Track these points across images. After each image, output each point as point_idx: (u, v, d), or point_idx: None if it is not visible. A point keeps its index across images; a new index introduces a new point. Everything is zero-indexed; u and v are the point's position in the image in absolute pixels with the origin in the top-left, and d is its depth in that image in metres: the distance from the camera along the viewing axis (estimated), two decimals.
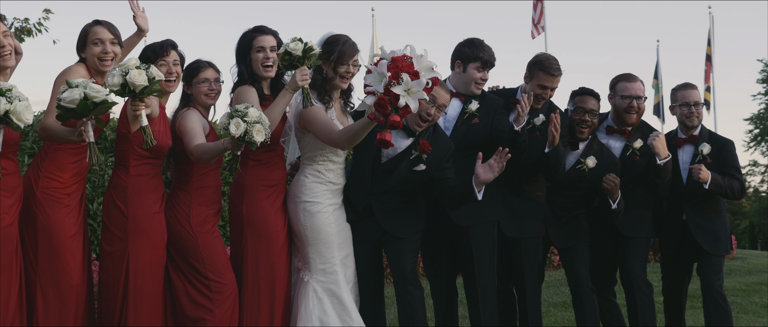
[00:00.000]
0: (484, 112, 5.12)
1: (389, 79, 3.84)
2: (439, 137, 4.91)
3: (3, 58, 4.11)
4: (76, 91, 3.74)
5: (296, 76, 4.28)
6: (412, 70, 3.87)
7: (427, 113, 4.69)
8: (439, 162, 4.84)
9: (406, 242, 4.89)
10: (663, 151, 5.20)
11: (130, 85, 3.86)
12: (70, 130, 3.97)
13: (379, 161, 4.83)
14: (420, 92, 3.90)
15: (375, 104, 3.89)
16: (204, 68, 4.56)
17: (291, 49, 4.23)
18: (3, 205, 4.06)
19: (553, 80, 5.16)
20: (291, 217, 4.64)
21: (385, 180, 4.81)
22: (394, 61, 3.89)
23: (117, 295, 4.32)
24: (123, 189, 4.32)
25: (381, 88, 3.87)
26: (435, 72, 3.98)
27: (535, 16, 18.75)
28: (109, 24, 4.39)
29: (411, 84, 3.87)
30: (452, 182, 4.83)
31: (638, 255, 5.41)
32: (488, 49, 5.11)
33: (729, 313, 5.34)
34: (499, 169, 4.61)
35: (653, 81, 21.35)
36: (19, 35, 10.65)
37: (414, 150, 4.79)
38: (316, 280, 4.59)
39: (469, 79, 5.10)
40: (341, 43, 4.56)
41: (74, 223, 4.28)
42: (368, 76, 3.97)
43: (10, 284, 4.08)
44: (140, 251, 4.31)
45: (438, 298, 5.45)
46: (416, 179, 4.84)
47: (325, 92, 4.60)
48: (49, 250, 4.20)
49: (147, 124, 4.06)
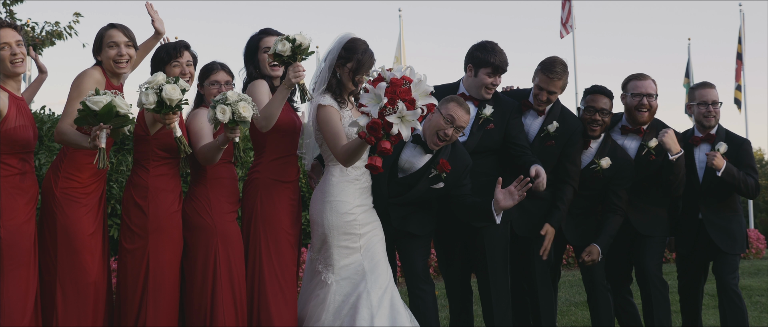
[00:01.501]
0: (499, 116, 5.14)
1: (386, 104, 3.85)
2: (458, 154, 4.90)
3: (15, 65, 4.25)
4: (105, 97, 3.89)
5: (289, 74, 4.29)
6: (409, 97, 3.85)
7: (444, 133, 4.71)
8: (458, 179, 4.87)
9: (418, 240, 4.94)
10: (674, 146, 5.19)
11: (167, 101, 3.99)
12: (84, 136, 4.10)
13: (396, 175, 4.85)
14: (414, 121, 3.90)
15: (368, 126, 3.90)
16: (216, 70, 4.67)
17: (279, 50, 4.25)
18: (18, 204, 4.19)
19: (549, 82, 5.17)
20: (316, 217, 4.60)
21: (403, 194, 4.85)
22: (392, 84, 3.88)
23: (136, 292, 4.42)
24: (143, 188, 4.43)
25: (375, 112, 3.87)
26: (432, 98, 3.99)
27: (563, 16, 18.65)
28: (124, 27, 4.50)
29: (406, 112, 3.87)
30: (469, 199, 4.86)
31: (654, 254, 5.40)
32: (500, 53, 5.10)
33: (744, 311, 5.32)
34: (520, 197, 4.62)
35: (684, 80, 21.13)
36: (50, 38, 10.83)
37: (433, 169, 4.82)
38: (337, 282, 4.56)
39: (480, 84, 5.12)
40: (361, 51, 4.50)
41: (93, 222, 4.40)
42: (365, 95, 3.97)
43: (28, 280, 4.21)
44: (160, 249, 4.42)
45: (453, 297, 5.49)
46: (433, 194, 4.89)
47: (339, 94, 4.56)
48: (68, 249, 4.31)
49: (181, 134, 4.19)
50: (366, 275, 4.56)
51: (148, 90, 4.00)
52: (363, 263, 4.58)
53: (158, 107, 4.01)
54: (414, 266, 4.92)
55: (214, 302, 4.45)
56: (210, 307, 4.46)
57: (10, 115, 4.18)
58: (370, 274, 4.57)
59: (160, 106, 4.02)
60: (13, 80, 4.30)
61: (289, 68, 4.29)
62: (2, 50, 4.21)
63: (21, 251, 4.18)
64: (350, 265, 4.58)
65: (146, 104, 4.00)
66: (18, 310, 4.15)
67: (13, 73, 4.27)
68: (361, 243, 4.60)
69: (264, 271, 4.56)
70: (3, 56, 4.21)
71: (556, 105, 5.31)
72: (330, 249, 4.56)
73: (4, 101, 4.17)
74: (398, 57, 18.28)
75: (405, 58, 18.22)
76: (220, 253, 4.46)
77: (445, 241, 5.33)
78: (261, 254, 4.57)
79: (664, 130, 5.27)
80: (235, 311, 4.49)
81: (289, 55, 4.26)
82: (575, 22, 18.49)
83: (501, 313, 5.15)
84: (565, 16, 18.52)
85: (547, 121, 5.26)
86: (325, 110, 4.44)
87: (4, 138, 4.14)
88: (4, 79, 4.27)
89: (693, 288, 5.68)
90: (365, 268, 4.58)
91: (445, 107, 4.75)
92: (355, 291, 4.52)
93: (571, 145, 5.24)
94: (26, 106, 4.40)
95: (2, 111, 4.15)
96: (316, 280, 4.64)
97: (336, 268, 4.56)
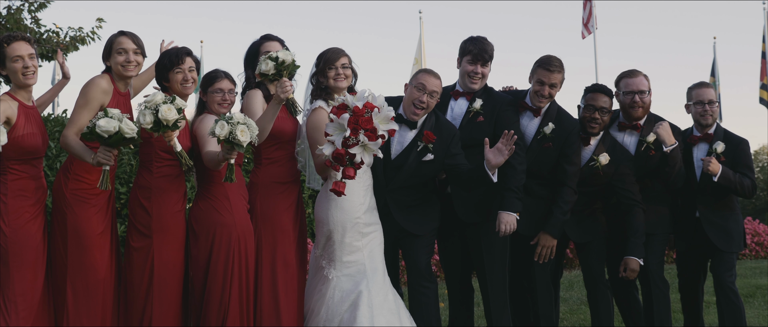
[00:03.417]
0: (489, 109, 5.21)
1: (349, 134, 4.18)
2: (442, 124, 5.06)
3: (27, 77, 4.49)
4: (112, 122, 4.13)
5: (277, 90, 4.50)
6: (370, 127, 4.19)
7: (419, 101, 4.91)
8: (446, 148, 4.98)
9: (421, 239, 5.03)
10: (669, 138, 5.25)
11: (163, 122, 4.17)
12: (89, 151, 4.35)
13: (390, 159, 4.99)
14: (375, 149, 4.27)
15: (333, 156, 4.25)
16: (220, 79, 4.78)
17: (263, 70, 4.50)
18: (24, 205, 4.42)
19: (549, 76, 5.21)
20: (321, 216, 4.79)
21: (397, 175, 4.98)
22: (355, 113, 4.21)
23: (141, 289, 4.59)
24: (147, 189, 4.60)
25: (340, 142, 4.21)
26: (393, 124, 4.33)
27: (584, 16, 18.60)
28: (133, 35, 4.70)
29: (368, 142, 4.22)
30: (465, 168, 4.97)
31: (654, 252, 5.43)
32: (480, 42, 5.22)
33: (741, 310, 5.36)
34: (509, 152, 4.74)
35: (710, 78, 20.90)
36: (74, 43, 11.07)
37: (419, 141, 4.97)
38: (338, 278, 4.72)
39: (463, 72, 5.26)
40: (325, 51, 4.91)
41: (102, 222, 4.59)
42: (330, 124, 4.30)
43: (35, 279, 4.43)
44: (164, 247, 4.59)
45: (453, 296, 5.56)
46: (427, 169, 5.00)
47: (327, 96, 4.83)
48: (78, 247, 4.51)
49: (181, 149, 4.37)
50: (367, 274, 4.71)
51: (146, 110, 4.20)
52: (365, 262, 4.73)
53: (155, 127, 4.20)
54: (417, 263, 5.01)
55: (230, 300, 4.61)
56: (227, 304, 4.61)
57: (19, 123, 4.41)
58: (372, 274, 4.72)
59: (157, 126, 4.20)
60: (24, 90, 4.53)
61: (277, 85, 4.49)
62: (15, 63, 4.45)
63: (27, 250, 4.40)
64: (353, 262, 4.73)
65: (143, 124, 4.19)
66: (24, 308, 4.36)
67: (25, 85, 4.51)
68: (364, 242, 4.76)
69: (276, 270, 4.72)
70: (15, 68, 4.45)
71: (552, 106, 5.35)
72: (333, 245, 4.74)
73: (14, 110, 4.41)
74: (418, 59, 18.35)
75: (425, 59, 18.29)
76: (239, 250, 4.62)
77: (444, 239, 5.42)
78: (263, 254, 4.72)
79: (658, 123, 5.33)
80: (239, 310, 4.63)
81: (274, 72, 4.47)
82: (597, 23, 18.43)
83: (498, 311, 5.22)
84: (586, 16, 18.47)
85: (543, 122, 5.29)
86: (315, 114, 4.73)
87: (12, 145, 4.37)
88: (16, 89, 4.52)
89: (692, 286, 5.72)
90: (367, 267, 4.72)
91: (415, 78, 5.00)
92: (355, 289, 4.66)
93: (569, 146, 5.27)
94: (36, 114, 4.62)
95: (12, 119, 4.39)
96: (319, 276, 4.80)
97: (338, 264, 4.72)
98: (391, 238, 5.03)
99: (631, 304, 5.58)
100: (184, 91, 4.69)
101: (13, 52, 4.44)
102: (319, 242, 4.83)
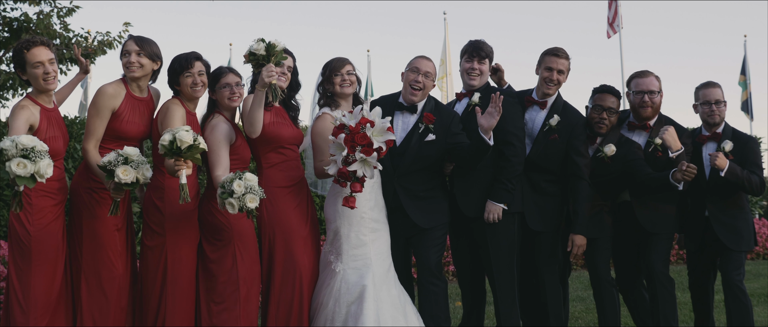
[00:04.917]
0: (486, 101, 5.25)
1: (348, 152, 4.48)
2: (442, 108, 5.30)
3: (47, 82, 4.63)
4: (131, 173, 4.30)
5: (263, 74, 4.58)
6: (365, 142, 4.48)
7: (415, 81, 5.16)
8: (446, 128, 5.16)
9: (432, 236, 5.12)
10: (674, 144, 5.27)
11: (178, 142, 4.25)
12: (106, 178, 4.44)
13: (395, 145, 5.10)
14: (374, 162, 4.54)
15: (338, 174, 4.59)
16: (225, 74, 4.91)
17: (254, 49, 4.59)
18: (47, 205, 4.57)
19: (558, 61, 5.38)
20: (330, 214, 4.96)
21: (403, 160, 5.12)
22: (350, 132, 4.49)
23: (155, 284, 4.74)
24: (160, 189, 4.75)
25: (340, 161, 4.53)
26: (389, 134, 4.57)
27: (609, 16, 18.47)
28: (138, 39, 4.80)
29: (366, 157, 4.51)
30: (467, 144, 5.11)
31: (660, 251, 5.45)
32: (475, 41, 5.42)
33: (749, 308, 5.36)
34: (498, 113, 4.87)
35: (740, 77, 20.60)
36: (102, 48, 11.28)
37: (420, 123, 5.15)
38: (345, 270, 4.83)
39: (462, 71, 5.44)
40: (330, 61, 5.19)
41: (118, 220, 4.73)
42: (332, 145, 4.61)
43: (54, 275, 4.59)
44: (177, 245, 4.73)
45: (465, 296, 5.64)
46: (431, 150, 5.15)
47: (333, 102, 5.08)
48: (93, 244, 4.68)
49: (185, 182, 4.42)
50: (373, 268, 4.83)
51: (167, 134, 4.31)
52: (371, 257, 4.86)
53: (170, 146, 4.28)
54: (427, 260, 5.10)
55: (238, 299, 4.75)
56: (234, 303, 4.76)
57: (42, 127, 4.57)
58: (378, 268, 4.85)
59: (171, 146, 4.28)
60: (45, 94, 4.68)
61: (263, 69, 4.58)
62: (36, 69, 4.58)
63: (49, 248, 4.55)
64: (359, 256, 4.86)
65: (160, 141, 4.32)
66: (43, 304, 4.52)
67: (46, 90, 4.65)
68: (371, 237, 4.91)
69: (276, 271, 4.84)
70: (36, 74, 4.59)
71: (558, 99, 5.46)
72: (340, 239, 4.89)
73: (36, 116, 4.56)
74: (443, 60, 18.41)
75: (450, 60, 18.34)
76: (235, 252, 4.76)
77: (456, 239, 5.52)
78: (275, 255, 4.84)
79: (664, 128, 5.35)
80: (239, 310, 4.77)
81: (263, 55, 4.58)
82: (622, 22, 18.30)
83: (506, 311, 5.29)
84: (612, 15, 18.33)
85: (549, 115, 5.40)
86: (320, 120, 4.99)
87: None
88: (37, 94, 4.65)
89: (703, 286, 5.72)
90: (373, 261, 4.85)
91: (409, 64, 5.26)
92: (361, 281, 4.78)
93: (576, 138, 5.35)
94: (58, 116, 4.78)
95: (35, 125, 4.55)
96: (328, 270, 4.93)
97: (345, 257, 4.86)
98: (402, 238, 5.14)
99: (638, 303, 5.62)
100: (194, 94, 4.82)
101: (33, 58, 4.56)
102: (328, 238, 4.97)
